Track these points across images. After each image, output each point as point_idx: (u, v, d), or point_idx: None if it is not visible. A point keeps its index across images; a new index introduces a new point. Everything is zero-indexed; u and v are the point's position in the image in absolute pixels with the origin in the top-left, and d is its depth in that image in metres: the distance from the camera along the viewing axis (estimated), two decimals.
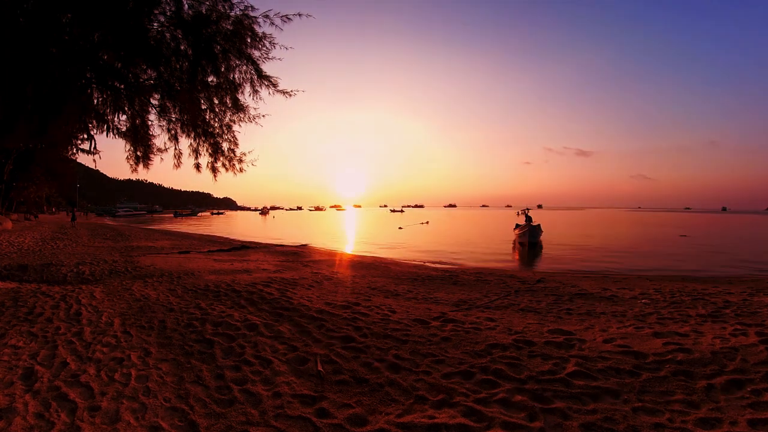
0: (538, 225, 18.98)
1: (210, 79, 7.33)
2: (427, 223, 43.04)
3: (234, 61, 7.15)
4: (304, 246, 17.26)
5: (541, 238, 19.35)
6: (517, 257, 15.39)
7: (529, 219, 22.79)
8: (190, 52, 6.82)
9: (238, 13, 6.75)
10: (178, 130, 8.00)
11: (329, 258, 12.24)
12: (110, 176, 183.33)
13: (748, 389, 2.59)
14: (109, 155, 10.25)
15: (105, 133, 7.65)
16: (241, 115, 7.84)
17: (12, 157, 21.55)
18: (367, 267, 10.00)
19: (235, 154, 8.27)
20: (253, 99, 7.55)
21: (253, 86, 7.41)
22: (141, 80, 7.18)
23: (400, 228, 32.99)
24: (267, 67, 7.32)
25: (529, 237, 18.30)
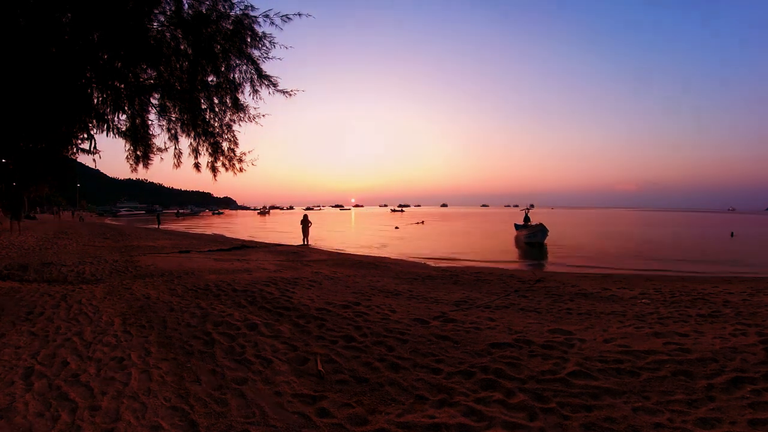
0: (541, 224, 19.00)
1: (210, 79, 7.32)
2: (423, 222, 43.18)
3: (234, 61, 7.13)
4: (304, 246, 17.27)
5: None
6: (517, 257, 15.39)
7: (527, 219, 22.82)
8: (190, 51, 6.81)
9: (238, 12, 6.74)
10: (178, 130, 7.98)
11: (329, 257, 12.24)
12: (110, 176, 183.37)
13: (748, 389, 2.59)
14: (109, 155, 10.24)
15: (105, 132, 7.61)
16: (241, 115, 7.82)
17: (12, 156, 21.54)
18: (367, 266, 10.00)
19: (235, 154, 8.25)
20: (253, 99, 7.53)
21: (253, 86, 7.39)
22: (141, 80, 7.17)
23: (396, 228, 33.70)
24: (267, 67, 7.31)
25: (536, 237, 18.37)
